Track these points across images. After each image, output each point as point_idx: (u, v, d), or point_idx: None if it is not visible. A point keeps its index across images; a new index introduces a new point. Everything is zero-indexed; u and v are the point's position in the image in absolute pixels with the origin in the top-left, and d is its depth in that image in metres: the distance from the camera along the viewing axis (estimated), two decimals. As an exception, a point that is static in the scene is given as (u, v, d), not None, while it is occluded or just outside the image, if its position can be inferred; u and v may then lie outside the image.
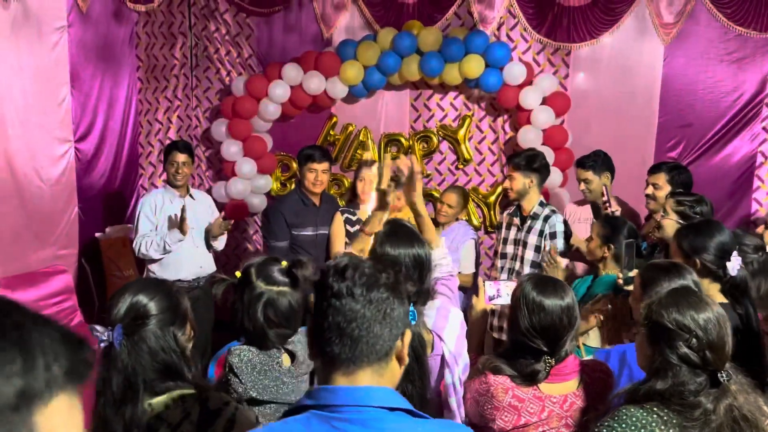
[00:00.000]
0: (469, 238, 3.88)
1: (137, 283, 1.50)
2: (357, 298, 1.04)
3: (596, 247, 2.92)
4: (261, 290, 1.71)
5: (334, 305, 1.04)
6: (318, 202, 3.75)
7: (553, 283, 1.83)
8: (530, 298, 1.79)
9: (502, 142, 4.73)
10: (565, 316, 1.78)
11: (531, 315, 1.78)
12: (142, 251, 3.75)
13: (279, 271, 1.76)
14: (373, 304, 1.04)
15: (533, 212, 3.50)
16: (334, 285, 1.05)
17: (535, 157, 3.47)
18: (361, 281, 1.05)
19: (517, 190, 3.47)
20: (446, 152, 4.86)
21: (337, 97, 4.75)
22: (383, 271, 1.08)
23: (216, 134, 4.92)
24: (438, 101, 4.81)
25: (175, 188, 3.84)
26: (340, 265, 1.08)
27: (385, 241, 1.89)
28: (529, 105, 4.42)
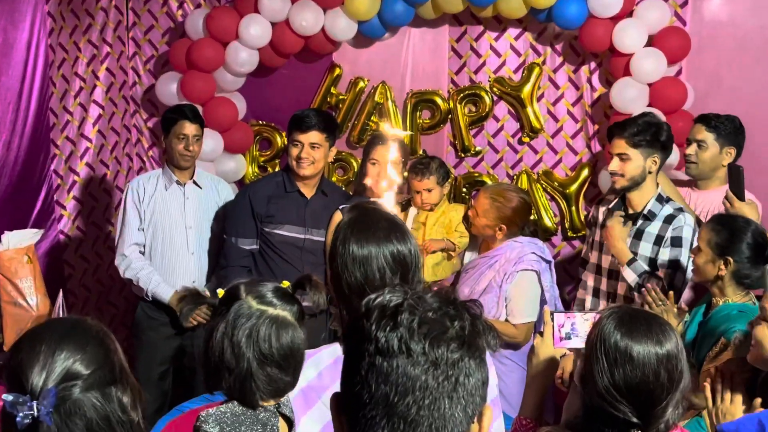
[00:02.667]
0: (525, 269, 3.63)
1: (51, 328, 1.50)
2: (416, 357, 1.04)
3: (706, 261, 2.93)
4: (252, 311, 1.78)
5: (379, 368, 1.05)
6: (310, 191, 3.80)
7: (647, 320, 1.87)
8: (612, 342, 1.83)
9: (587, 102, 4.73)
10: (663, 369, 1.80)
11: (613, 368, 1.81)
12: (128, 276, 4.03)
13: (277, 291, 1.83)
14: (440, 369, 1.05)
15: (648, 209, 3.48)
16: (380, 335, 1.06)
17: (660, 128, 3.47)
18: (423, 331, 1.05)
19: (632, 176, 3.46)
20: (504, 118, 4.87)
21: (340, 38, 4.75)
22: (456, 315, 1.09)
23: (163, 95, 4.91)
24: (492, 42, 4.83)
25: (176, 170, 4.03)
26: (389, 302, 1.09)
27: (350, 235, 1.91)
28: (628, 47, 4.39)
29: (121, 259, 4.04)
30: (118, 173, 5.12)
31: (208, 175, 4.25)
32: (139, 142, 5.24)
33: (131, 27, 5.14)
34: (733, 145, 3.74)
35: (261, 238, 3.75)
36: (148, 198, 4.03)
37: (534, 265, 3.62)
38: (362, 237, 1.93)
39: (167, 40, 5.11)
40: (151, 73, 5.17)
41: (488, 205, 3.65)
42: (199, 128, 4.04)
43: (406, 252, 1.95)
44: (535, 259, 3.63)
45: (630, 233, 3.47)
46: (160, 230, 4.02)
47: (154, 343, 4.01)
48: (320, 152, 3.69)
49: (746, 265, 2.88)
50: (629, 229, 3.45)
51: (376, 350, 1.07)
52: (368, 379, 1.07)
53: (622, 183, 3.46)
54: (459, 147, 4.82)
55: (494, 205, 3.64)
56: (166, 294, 3.96)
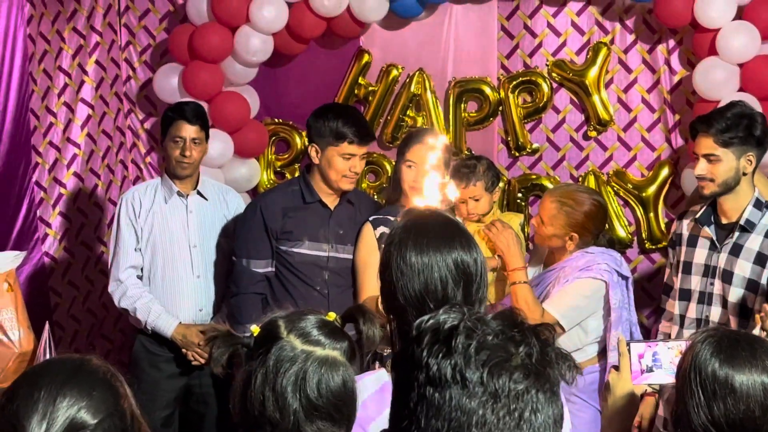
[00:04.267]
0: (593, 277, 3.64)
1: (50, 371, 1.52)
2: (473, 388, 1.07)
3: None
4: (296, 352, 1.77)
5: (430, 400, 1.08)
6: (333, 200, 3.87)
7: (750, 344, 1.88)
8: (709, 371, 1.84)
9: (666, 88, 4.73)
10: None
11: (711, 402, 1.82)
12: (124, 306, 4.09)
13: (323, 326, 1.84)
14: (501, 402, 1.08)
15: (745, 219, 3.47)
16: (432, 362, 1.09)
17: (753, 120, 3.44)
18: (482, 358, 1.09)
19: (723, 180, 3.45)
20: (566, 109, 4.88)
21: (369, 18, 4.77)
22: (522, 341, 1.11)
23: (162, 91, 4.96)
24: (549, 20, 4.86)
25: (176, 180, 4.09)
26: (443, 324, 1.12)
27: (407, 239, 1.99)
28: (713, 20, 4.38)
29: (115, 286, 4.08)
30: (111, 184, 5.19)
31: (215, 184, 4.30)
32: (135, 147, 5.28)
33: (123, 12, 5.17)
34: None
35: (277, 259, 3.79)
36: (145, 213, 4.08)
37: (603, 274, 3.62)
38: (422, 242, 1.99)
39: (166, 26, 5.14)
40: (147, 65, 5.20)
41: (555, 210, 3.66)
42: (200, 130, 4.08)
43: (470, 261, 2.00)
44: (606, 269, 3.63)
45: (724, 248, 3.47)
46: (160, 250, 4.07)
47: (156, 382, 4.06)
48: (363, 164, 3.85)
49: None
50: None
51: (427, 380, 1.09)
52: (417, 412, 1.09)
53: (712, 189, 3.45)
54: (512, 144, 4.83)
55: (563, 210, 3.65)
56: (169, 326, 4.01)
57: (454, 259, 1.98)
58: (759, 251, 3.39)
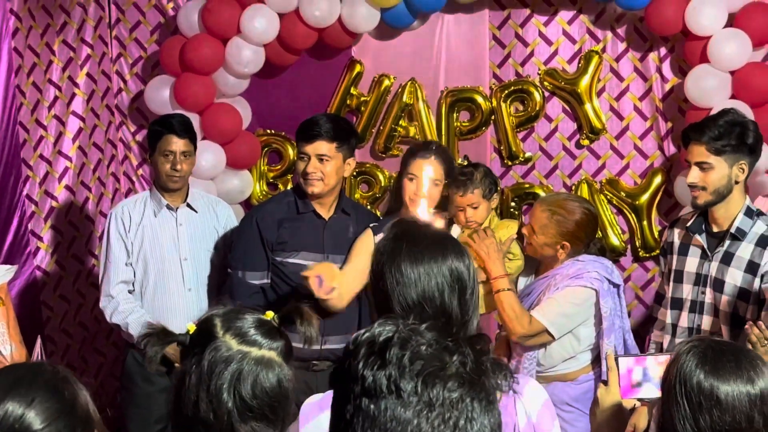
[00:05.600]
0: (584, 285, 3.65)
1: (3, 376, 1.55)
2: (407, 398, 1.08)
3: None
4: (231, 352, 1.76)
5: (366, 411, 1.09)
6: (327, 211, 3.86)
7: (735, 354, 1.88)
8: (694, 382, 1.84)
9: (657, 95, 4.76)
10: (758, 413, 1.81)
11: (696, 413, 1.83)
12: (115, 321, 4.10)
13: (260, 326, 1.82)
14: (436, 410, 1.08)
15: (736, 227, 3.47)
16: (367, 374, 1.10)
17: (745, 127, 3.45)
18: (416, 368, 1.09)
19: (715, 188, 3.45)
20: (559, 117, 4.91)
21: (361, 28, 4.80)
22: (456, 350, 1.12)
23: (153, 102, 4.98)
24: (541, 28, 4.89)
25: (165, 193, 4.11)
26: (377, 336, 1.13)
27: (399, 251, 2.02)
28: (704, 28, 4.41)
29: (106, 302, 4.09)
30: (102, 197, 5.20)
31: (205, 196, 4.31)
32: (127, 159, 5.29)
33: (114, 24, 5.19)
34: None
35: (272, 270, 3.78)
36: (134, 227, 4.09)
37: (593, 283, 3.62)
38: (416, 251, 2.01)
39: (157, 38, 5.17)
40: (138, 77, 5.22)
41: (546, 219, 3.66)
42: (189, 143, 4.10)
43: (464, 269, 2.03)
44: (596, 277, 3.64)
45: (715, 257, 3.48)
46: (152, 264, 4.08)
47: (148, 396, 4.05)
48: (331, 165, 3.71)
49: None
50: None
51: (363, 391, 1.10)
52: (354, 424, 1.10)
53: (705, 198, 3.44)
54: (505, 154, 4.86)
55: (554, 219, 3.65)
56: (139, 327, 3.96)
57: (449, 267, 2.01)
58: (750, 260, 3.39)
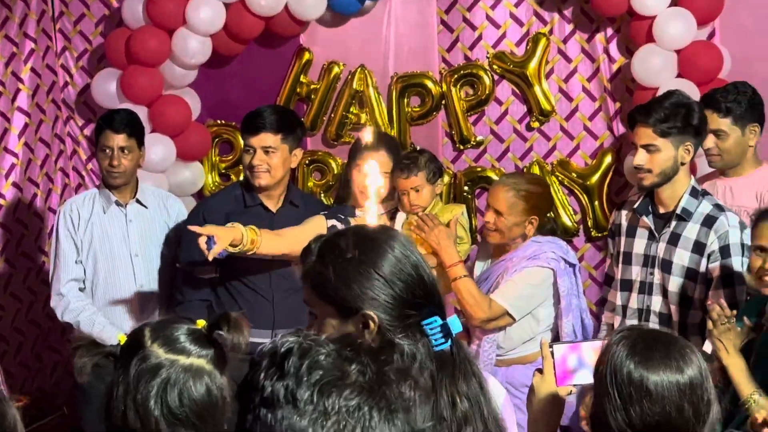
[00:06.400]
0: (541, 266, 3.71)
1: None
2: (303, 407, 1.09)
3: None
4: (159, 361, 1.76)
5: (263, 420, 1.11)
6: (275, 203, 3.84)
7: (664, 343, 1.88)
8: (624, 373, 1.84)
9: (605, 76, 4.77)
10: (687, 402, 1.81)
11: (627, 405, 1.83)
12: (67, 320, 4.07)
13: (190, 334, 1.82)
14: (331, 419, 1.09)
15: (682, 207, 3.50)
16: (266, 384, 1.12)
17: (691, 109, 3.47)
18: (314, 378, 1.10)
19: (662, 170, 3.47)
20: (508, 101, 4.91)
21: (308, 16, 4.79)
22: (354, 359, 1.14)
23: (100, 96, 4.95)
24: (488, 12, 4.88)
25: (113, 190, 4.07)
26: (279, 347, 1.15)
27: (371, 256, 1.86)
28: (649, 8, 4.42)
29: (57, 300, 4.06)
30: (50, 192, 5.15)
31: (155, 191, 4.27)
32: (76, 154, 5.26)
33: (58, 17, 5.15)
34: (754, 120, 3.77)
35: (221, 265, 3.76)
36: (84, 224, 4.05)
37: (550, 263, 3.69)
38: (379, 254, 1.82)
39: (102, 30, 5.13)
40: (85, 71, 5.18)
41: (513, 198, 3.69)
42: (128, 138, 4.03)
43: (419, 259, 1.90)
44: (553, 257, 3.70)
45: (662, 238, 3.52)
46: (102, 261, 4.05)
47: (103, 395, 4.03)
48: (277, 157, 3.70)
49: None
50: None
51: (262, 401, 1.12)
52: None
53: (651, 179, 3.47)
54: (457, 138, 4.86)
55: (520, 196, 3.69)
56: (113, 338, 3.92)
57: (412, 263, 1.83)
58: (696, 240, 3.42)
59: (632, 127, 3.55)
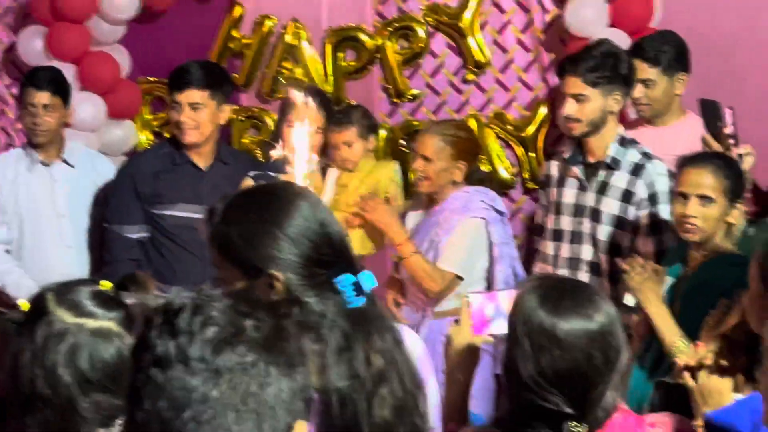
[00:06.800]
0: (473, 216, 3.75)
1: None
2: (194, 365, 1.06)
3: (722, 213, 3.02)
4: (65, 326, 1.70)
5: (154, 381, 1.08)
6: (205, 160, 3.83)
7: (573, 290, 1.92)
8: (535, 322, 1.86)
9: (539, 27, 4.75)
10: (596, 349, 1.84)
11: (538, 353, 1.85)
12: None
13: (96, 296, 1.76)
14: (225, 377, 1.06)
15: (611, 156, 3.53)
16: (158, 343, 1.09)
17: (619, 58, 3.52)
18: (206, 335, 1.07)
19: (591, 120, 3.51)
20: (443, 54, 4.88)
21: None
22: (250, 313, 1.11)
23: (27, 54, 4.91)
24: None
25: (37, 149, 4.06)
26: (172, 304, 1.12)
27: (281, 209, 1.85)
28: None
29: None
30: (-22, 153, 5.07)
31: (83, 150, 4.24)
32: (4, 114, 5.20)
33: (-23, -29, 5.04)
34: (682, 69, 3.82)
35: (150, 223, 3.76)
36: (8, 184, 4.01)
37: (481, 212, 3.74)
38: (283, 212, 1.83)
39: (26, -15, 5.03)
40: (10, 28, 5.10)
41: (440, 142, 3.73)
42: (52, 96, 3.99)
43: (327, 215, 1.89)
44: (483, 206, 3.76)
45: (592, 187, 3.54)
46: (28, 222, 4.01)
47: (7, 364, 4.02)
48: (204, 114, 3.69)
49: None
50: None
51: (153, 360, 1.09)
52: (142, 394, 1.09)
53: (581, 129, 3.52)
54: (392, 92, 4.83)
55: (446, 141, 3.73)
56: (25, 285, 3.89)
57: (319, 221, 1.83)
58: (625, 188, 3.46)
59: (561, 77, 3.58)
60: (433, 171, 3.73)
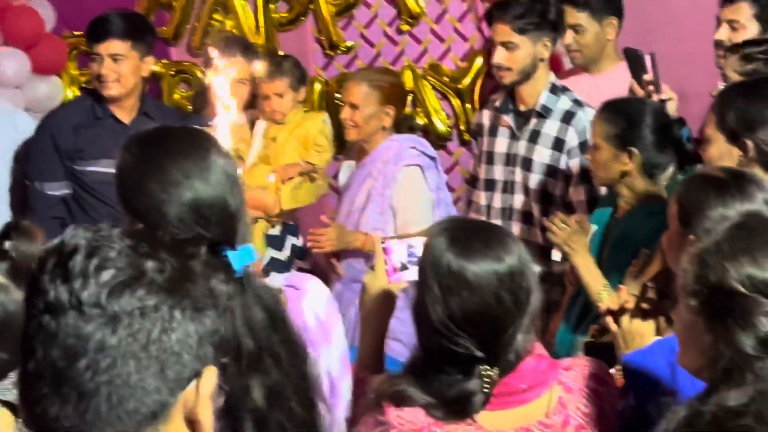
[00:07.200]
0: (408, 164, 3.74)
1: None
2: (89, 311, 1.01)
3: (608, 158, 3.00)
4: None
5: (47, 328, 1.02)
6: (127, 114, 3.77)
7: (484, 232, 1.92)
8: (444, 265, 1.85)
9: (474, -26, 4.73)
10: (506, 291, 1.84)
11: (447, 296, 1.84)
12: None
13: None
14: (123, 323, 1.02)
15: (542, 104, 3.52)
16: (50, 288, 1.03)
17: (547, 4, 3.52)
18: (102, 279, 1.02)
19: (521, 67, 3.50)
20: (377, 4, 4.86)
21: None
22: (151, 254, 1.05)
23: None
24: None
25: None
26: (66, 245, 1.05)
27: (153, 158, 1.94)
28: None
29: None
30: None
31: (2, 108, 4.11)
32: None
33: None
34: (611, 14, 3.81)
35: (73, 180, 3.69)
36: None
37: (415, 159, 3.74)
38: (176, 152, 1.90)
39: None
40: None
41: (366, 88, 3.73)
42: None
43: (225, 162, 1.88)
44: (416, 153, 3.76)
45: (523, 135, 3.50)
46: None
47: None
48: (126, 65, 3.60)
49: (652, 152, 2.94)
50: None
51: (45, 307, 1.04)
52: (34, 342, 1.04)
53: (511, 77, 3.52)
54: (326, 43, 4.79)
55: (373, 86, 3.73)
56: None
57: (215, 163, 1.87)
58: (556, 136, 3.46)
59: (490, 24, 3.55)
60: (362, 118, 3.72)
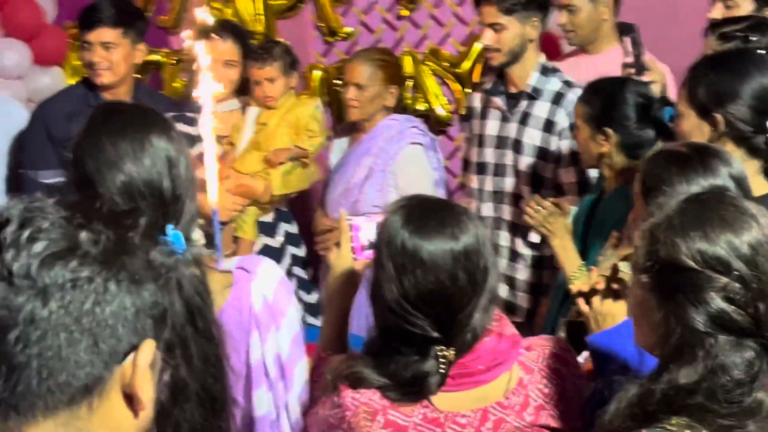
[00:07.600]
0: (412, 142, 3.75)
1: None
2: (19, 282, 1.01)
3: (586, 139, 2.98)
4: None
5: None
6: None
7: (440, 210, 1.91)
8: (398, 243, 1.84)
9: (472, -44, 4.71)
10: (462, 270, 1.82)
11: (401, 275, 1.83)
12: None
13: None
14: (55, 296, 1.01)
15: (532, 86, 3.51)
16: None
17: None
18: (34, 250, 1.02)
19: (510, 48, 3.47)
20: (375, -14, 4.84)
21: None
22: (86, 225, 1.05)
23: None
24: None
25: None
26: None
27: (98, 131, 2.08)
28: None
29: None
30: None
31: None
32: None
33: None
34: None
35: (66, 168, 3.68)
36: None
37: (417, 138, 3.76)
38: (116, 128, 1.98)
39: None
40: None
41: (370, 67, 3.75)
42: None
43: (168, 145, 1.94)
44: (417, 132, 3.78)
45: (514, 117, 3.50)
46: None
47: None
48: (118, 53, 3.59)
49: (632, 131, 2.89)
50: None
51: None
52: None
53: (501, 59, 3.48)
54: (325, 30, 4.79)
55: (377, 65, 3.75)
56: None
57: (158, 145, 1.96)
58: (547, 118, 3.43)
59: (478, 6, 3.53)
60: (367, 97, 3.73)
